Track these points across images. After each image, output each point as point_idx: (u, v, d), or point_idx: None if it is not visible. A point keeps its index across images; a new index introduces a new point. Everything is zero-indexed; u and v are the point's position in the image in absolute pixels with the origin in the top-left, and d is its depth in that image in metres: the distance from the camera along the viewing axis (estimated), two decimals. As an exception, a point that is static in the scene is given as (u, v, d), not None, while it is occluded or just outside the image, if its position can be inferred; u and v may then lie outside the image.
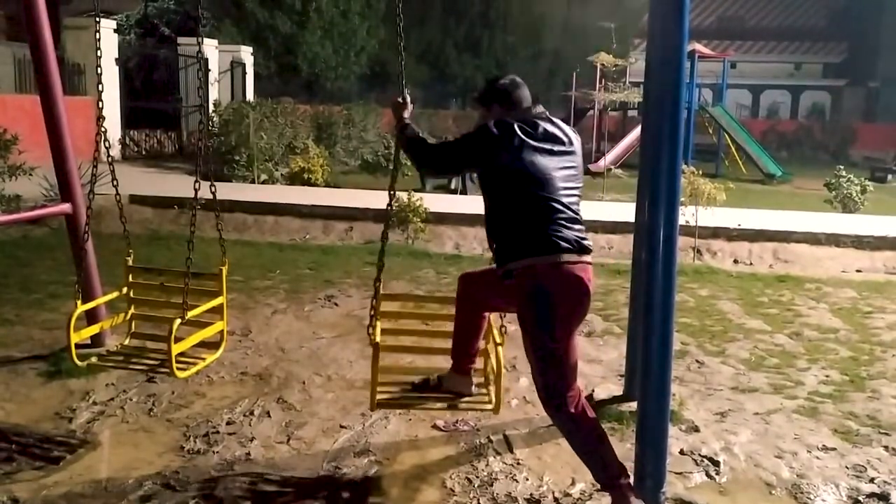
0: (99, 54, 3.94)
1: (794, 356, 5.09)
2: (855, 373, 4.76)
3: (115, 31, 15.85)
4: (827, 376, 4.70)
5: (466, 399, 3.28)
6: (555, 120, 3.02)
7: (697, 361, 4.91)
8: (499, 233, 2.92)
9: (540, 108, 3.02)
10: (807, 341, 5.44)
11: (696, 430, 3.80)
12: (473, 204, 9.17)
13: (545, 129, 2.92)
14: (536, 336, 2.82)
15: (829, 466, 3.46)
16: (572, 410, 2.82)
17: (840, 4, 43.86)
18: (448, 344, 3.35)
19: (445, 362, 3.38)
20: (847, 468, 3.45)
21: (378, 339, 3.13)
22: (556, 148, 2.92)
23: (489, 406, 3.18)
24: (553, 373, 2.81)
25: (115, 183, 3.83)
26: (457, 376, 3.31)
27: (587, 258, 2.86)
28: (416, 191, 9.10)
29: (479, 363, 3.40)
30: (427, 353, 3.78)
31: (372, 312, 3.21)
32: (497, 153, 2.84)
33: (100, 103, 3.64)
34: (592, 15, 28.17)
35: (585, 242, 2.85)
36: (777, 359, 5.02)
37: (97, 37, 3.93)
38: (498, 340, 3.23)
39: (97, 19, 4.18)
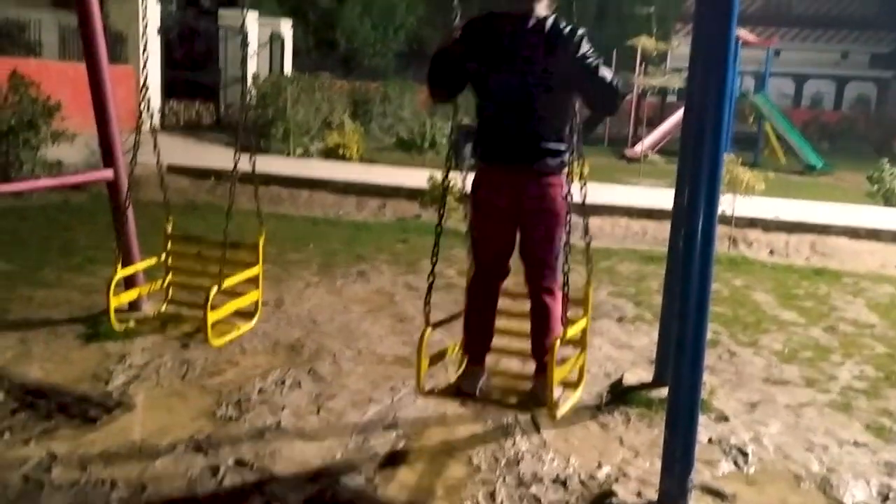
0: (144, 24, 3.98)
1: (828, 350, 5.02)
2: (891, 369, 4.68)
3: (158, 0, 15.98)
4: (861, 371, 4.63)
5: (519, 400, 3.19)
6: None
7: (729, 351, 4.87)
8: (563, 131, 2.99)
9: None
10: (842, 336, 5.36)
11: (726, 419, 3.77)
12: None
13: None
14: (563, 226, 2.97)
15: (860, 462, 3.42)
16: None
17: (891, -8, 42.60)
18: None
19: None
20: (878, 465, 3.41)
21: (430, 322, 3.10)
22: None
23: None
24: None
25: (157, 152, 3.87)
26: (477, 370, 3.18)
27: None
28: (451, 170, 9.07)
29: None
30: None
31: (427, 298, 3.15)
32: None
33: (143, 72, 3.68)
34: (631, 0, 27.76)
35: None
36: (811, 352, 4.96)
37: (143, 5, 3.97)
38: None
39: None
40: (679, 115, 17.20)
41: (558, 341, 2.86)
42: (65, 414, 3.44)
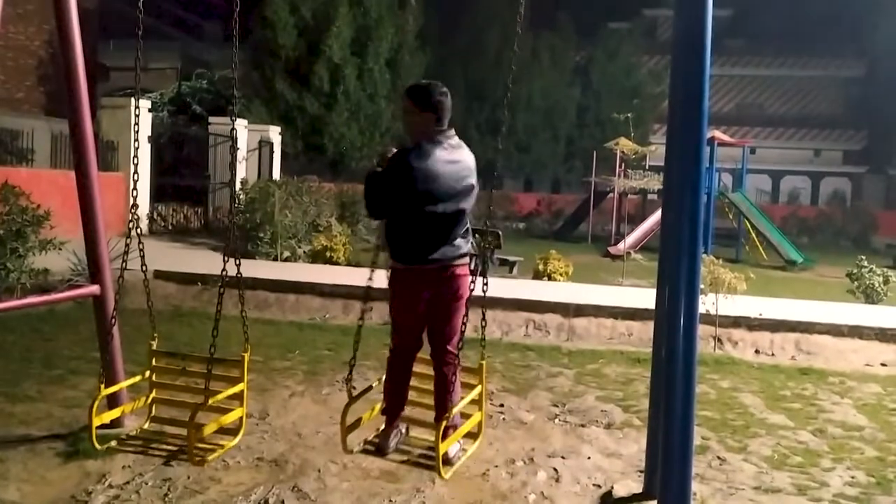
0: (135, 140, 4.10)
1: (818, 455, 4.99)
2: (882, 474, 4.65)
3: (150, 109, 16.41)
4: (853, 477, 4.59)
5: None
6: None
7: (719, 458, 4.82)
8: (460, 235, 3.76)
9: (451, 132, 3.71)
10: (831, 439, 5.34)
11: (718, 532, 3.71)
12: (492, 287, 9.23)
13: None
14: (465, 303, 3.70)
15: (857, 576, 3.36)
16: None
17: (859, 93, 44.48)
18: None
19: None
20: (875, 579, 3.34)
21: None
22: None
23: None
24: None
25: (143, 268, 3.91)
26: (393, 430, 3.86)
27: None
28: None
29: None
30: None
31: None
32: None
33: (134, 193, 3.76)
34: (609, 104, 28.82)
35: None
36: (801, 457, 4.92)
37: (136, 116, 4.10)
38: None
39: (136, 100, 4.36)
40: (659, 213, 17.58)
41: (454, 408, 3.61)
42: (40, 540, 3.33)
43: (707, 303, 7.77)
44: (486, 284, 3.54)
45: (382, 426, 3.92)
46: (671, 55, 4.07)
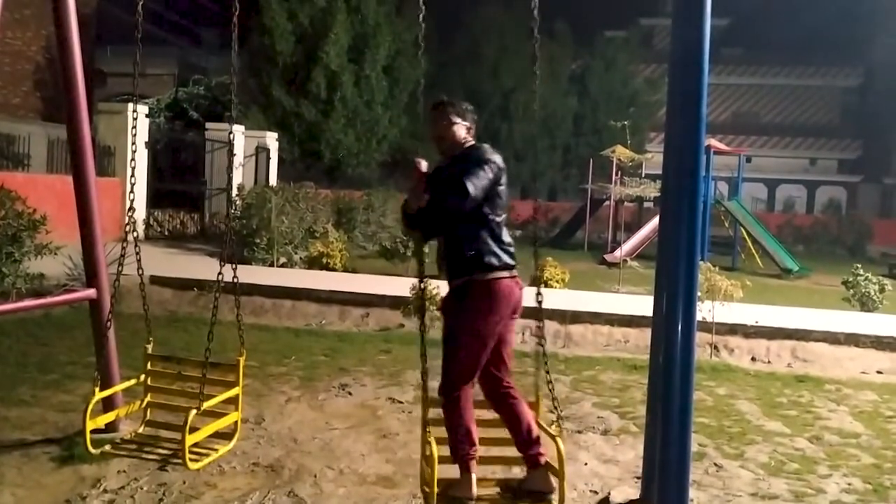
0: (133, 144, 4.10)
1: (814, 462, 4.99)
2: (878, 481, 4.65)
3: (147, 115, 16.41)
4: (849, 484, 4.59)
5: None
6: None
7: (716, 465, 4.82)
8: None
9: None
10: (827, 446, 5.34)
11: (715, 539, 3.70)
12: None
13: None
14: None
15: (854, 583, 3.35)
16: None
17: (854, 102, 44.72)
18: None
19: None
20: (872, 586, 3.34)
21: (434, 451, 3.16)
22: None
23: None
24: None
25: (140, 272, 3.91)
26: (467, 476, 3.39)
27: None
28: (432, 278, 9.15)
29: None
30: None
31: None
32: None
33: (131, 196, 3.76)
34: (606, 113, 28.89)
35: None
36: (797, 464, 4.92)
37: (134, 121, 4.10)
38: (557, 433, 3.32)
39: (134, 104, 4.37)
40: (656, 221, 17.60)
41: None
42: (34, 545, 3.32)
43: (703, 310, 7.77)
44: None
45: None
46: (669, 64, 4.07)
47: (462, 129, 3.62)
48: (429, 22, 3.72)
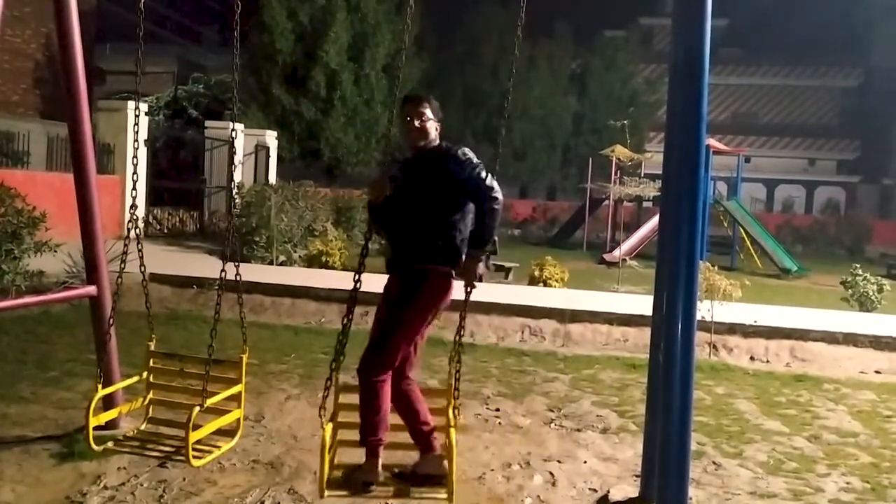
0: (134, 142, 4.11)
1: (813, 461, 5.00)
2: (876, 480, 4.66)
3: (147, 113, 16.42)
4: (847, 483, 4.60)
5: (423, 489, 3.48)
6: None
7: (714, 463, 4.83)
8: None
9: None
10: (826, 445, 5.35)
11: (714, 537, 3.71)
12: (488, 292, 9.24)
13: None
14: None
15: (852, 581, 3.36)
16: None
17: (853, 103, 44.76)
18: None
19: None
20: (870, 584, 3.35)
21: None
22: None
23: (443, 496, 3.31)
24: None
25: (142, 269, 3.91)
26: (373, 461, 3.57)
27: None
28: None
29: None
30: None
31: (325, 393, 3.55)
32: None
33: (133, 193, 3.76)
34: (606, 112, 28.88)
35: None
36: (796, 463, 4.93)
37: (135, 120, 4.11)
38: (452, 423, 3.39)
39: (136, 103, 4.36)
40: (655, 220, 17.62)
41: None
42: (35, 541, 3.32)
43: (702, 309, 7.77)
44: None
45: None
46: (670, 65, 4.08)
47: (436, 126, 3.79)
48: (429, 22, 3.78)
